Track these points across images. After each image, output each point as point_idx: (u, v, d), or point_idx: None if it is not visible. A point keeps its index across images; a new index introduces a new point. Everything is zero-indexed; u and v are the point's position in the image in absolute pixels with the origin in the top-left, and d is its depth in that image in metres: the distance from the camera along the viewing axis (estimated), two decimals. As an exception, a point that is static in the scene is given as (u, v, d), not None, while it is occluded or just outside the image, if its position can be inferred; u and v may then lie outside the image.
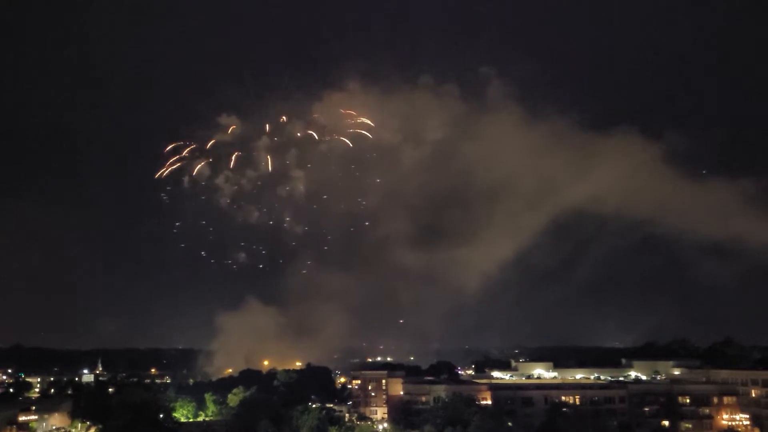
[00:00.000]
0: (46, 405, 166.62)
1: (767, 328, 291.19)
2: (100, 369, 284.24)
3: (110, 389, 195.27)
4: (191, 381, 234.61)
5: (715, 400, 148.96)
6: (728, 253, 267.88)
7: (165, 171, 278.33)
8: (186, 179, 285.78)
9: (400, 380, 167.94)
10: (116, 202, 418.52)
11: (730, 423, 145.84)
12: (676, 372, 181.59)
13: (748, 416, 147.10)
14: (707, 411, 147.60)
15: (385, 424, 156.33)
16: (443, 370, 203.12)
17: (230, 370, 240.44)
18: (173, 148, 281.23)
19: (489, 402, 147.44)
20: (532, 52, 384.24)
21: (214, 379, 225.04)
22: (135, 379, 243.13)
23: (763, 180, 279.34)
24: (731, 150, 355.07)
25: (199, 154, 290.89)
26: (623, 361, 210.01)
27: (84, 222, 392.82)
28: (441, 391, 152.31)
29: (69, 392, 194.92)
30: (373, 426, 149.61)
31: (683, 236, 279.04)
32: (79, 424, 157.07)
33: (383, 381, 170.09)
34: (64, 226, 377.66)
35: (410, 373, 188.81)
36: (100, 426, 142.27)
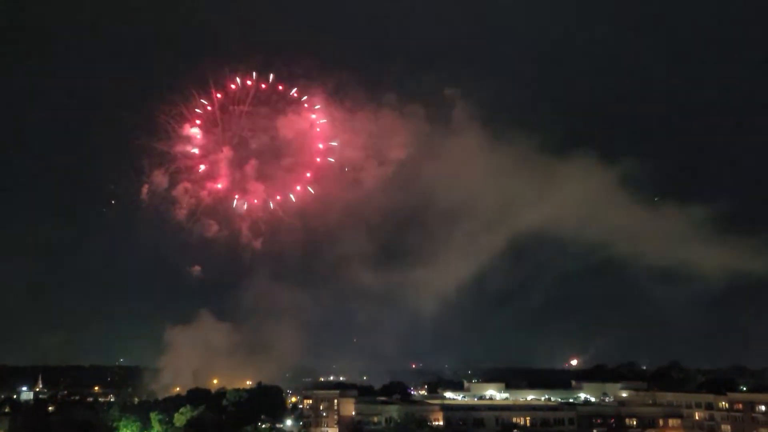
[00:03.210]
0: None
1: (711, 352, 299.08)
2: (40, 386, 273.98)
3: (50, 408, 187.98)
4: (136, 400, 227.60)
5: (661, 422, 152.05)
6: (676, 278, 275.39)
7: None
8: (144, 189, 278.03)
9: (352, 400, 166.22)
10: (60, 211, 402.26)
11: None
12: (624, 394, 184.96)
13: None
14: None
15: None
16: (396, 390, 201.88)
17: (178, 389, 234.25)
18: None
19: (441, 423, 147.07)
20: (496, 75, 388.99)
21: (160, 397, 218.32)
22: (77, 397, 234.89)
23: (712, 207, 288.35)
24: (683, 177, 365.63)
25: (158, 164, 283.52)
26: (573, 383, 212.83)
27: (24, 231, 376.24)
28: (393, 411, 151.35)
29: (6, 410, 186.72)
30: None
31: (635, 261, 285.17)
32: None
33: (335, 401, 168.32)
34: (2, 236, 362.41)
35: (363, 393, 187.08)
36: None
